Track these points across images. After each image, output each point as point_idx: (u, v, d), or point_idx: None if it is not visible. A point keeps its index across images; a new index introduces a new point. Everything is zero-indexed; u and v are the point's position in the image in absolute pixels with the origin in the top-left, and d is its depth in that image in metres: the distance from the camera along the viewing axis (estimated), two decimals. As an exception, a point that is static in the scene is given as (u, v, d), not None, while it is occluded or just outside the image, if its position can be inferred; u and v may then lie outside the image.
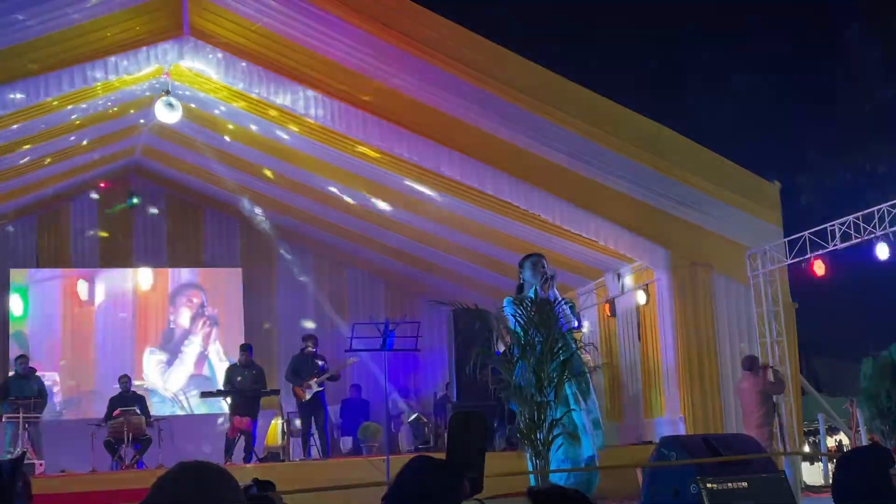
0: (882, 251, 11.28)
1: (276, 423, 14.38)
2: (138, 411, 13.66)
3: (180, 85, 12.49)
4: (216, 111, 13.40)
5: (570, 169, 12.07)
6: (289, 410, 14.65)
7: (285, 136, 13.39)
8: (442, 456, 6.41)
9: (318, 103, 11.28)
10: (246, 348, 14.37)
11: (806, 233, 12.47)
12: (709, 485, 6.10)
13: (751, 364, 11.98)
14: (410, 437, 16.05)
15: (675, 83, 28.71)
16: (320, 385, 13.88)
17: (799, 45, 25.42)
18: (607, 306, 14.84)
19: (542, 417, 7.36)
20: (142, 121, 14.33)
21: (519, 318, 7.67)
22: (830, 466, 12.92)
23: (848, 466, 3.71)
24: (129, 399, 14.02)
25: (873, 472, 3.63)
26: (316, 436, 13.99)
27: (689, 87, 28.31)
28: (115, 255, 17.25)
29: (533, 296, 7.87)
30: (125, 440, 13.13)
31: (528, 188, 12.03)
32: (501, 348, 8.12)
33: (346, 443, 15.96)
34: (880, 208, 11.38)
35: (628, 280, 14.34)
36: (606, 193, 12.37)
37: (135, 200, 17.10)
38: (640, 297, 13.86)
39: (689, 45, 27.74)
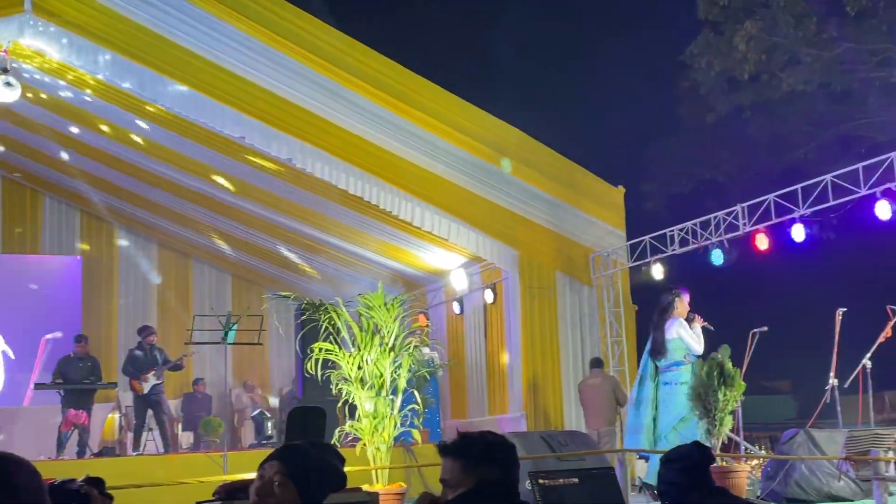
0: (717, 256, 11.78)
1: (113, 417, 13.92)
2: (-36, 403, 13.05)
3: (20, 63, 11.91)
4: (58, 92, 12.85)
5: (421, 166, 12.11)
6: (126, 404, 14.18)
7: (131, 122, 12.96)
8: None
9: (166, 88, 10.96)
10: (81, 339, 13.85)
11: (647, 237, 12.90)
12: (540, 480, 6.22)
13: (600, 363, 12.17)
14: (253, 433, 15.83)
15: (527, 87, 29.28)
16: (159, 378, 13.48)
17: (645, 59, 26.29)
18: (455, 304, 14.96)
19: (384, 413, 7.37)
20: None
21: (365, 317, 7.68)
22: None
23: (671, 464, 3.87)
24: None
25: (694, 470, 3.80)
26: (155, 430, 13.61)
27: (540, 93, 28.90)
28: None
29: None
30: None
31: (379, 183, 12.01)
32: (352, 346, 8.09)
33: (188, 437, 15.59)
34: (716, 216, 11.88)
35: (476, 279, 14.50)
36: (457, 192, 12.48)
37: None
38: (488, 296, 14.03)
39: (546, 50, 28.33)
